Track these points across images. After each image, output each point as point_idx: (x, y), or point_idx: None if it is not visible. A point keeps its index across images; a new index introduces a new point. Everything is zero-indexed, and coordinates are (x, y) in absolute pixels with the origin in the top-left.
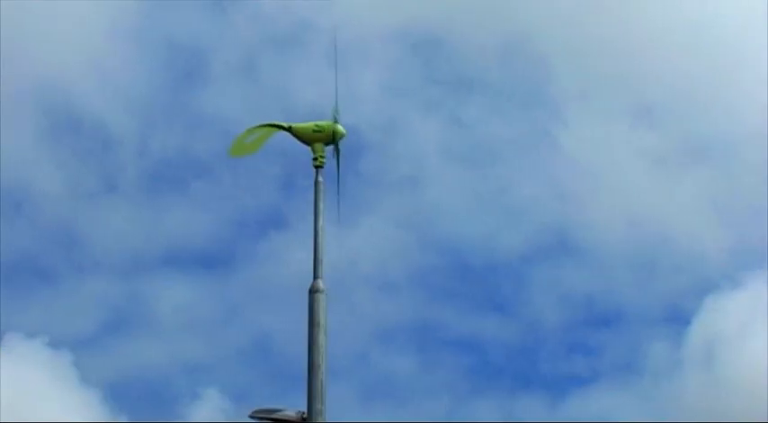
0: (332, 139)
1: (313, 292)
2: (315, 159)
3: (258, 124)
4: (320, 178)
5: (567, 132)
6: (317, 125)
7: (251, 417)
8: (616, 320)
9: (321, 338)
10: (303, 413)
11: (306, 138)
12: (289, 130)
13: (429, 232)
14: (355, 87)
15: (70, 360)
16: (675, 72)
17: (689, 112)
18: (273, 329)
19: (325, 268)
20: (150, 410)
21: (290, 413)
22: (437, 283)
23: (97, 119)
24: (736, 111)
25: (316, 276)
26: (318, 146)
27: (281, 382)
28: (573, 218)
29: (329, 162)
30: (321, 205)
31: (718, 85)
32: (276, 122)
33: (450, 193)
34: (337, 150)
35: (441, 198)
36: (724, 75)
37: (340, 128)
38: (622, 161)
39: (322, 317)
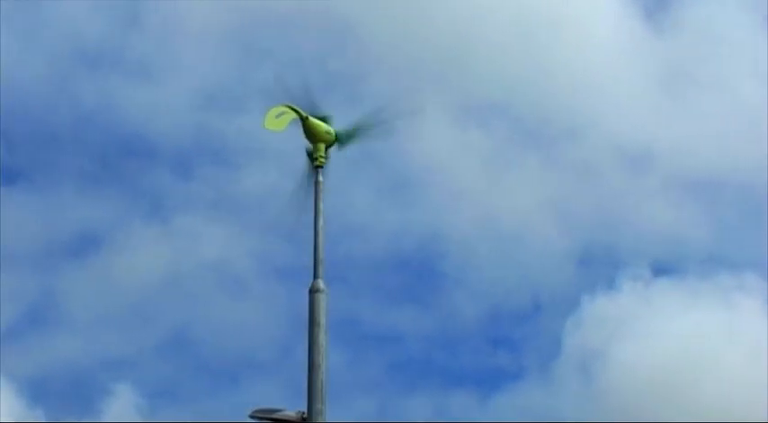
0: (331, 144)
1: (313, 291)
2: (315, 159)
3: (283, 103)
4: (320, 178)
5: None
6: (328, 128)
7: (251, 417)
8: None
9: (321, 338)
10: (303, 413)
11: (314, 135)
12: (305, 120)
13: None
14: (170, 94)
15: None
16: (501, 65)
17: (517, 106)
18: (188, 323)
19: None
20: (67, 405)
21: (290, 413)
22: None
23: None
24: (566, 102)
25: (316, 276)
26: (321, 146)
27: (199, 377)
28: (425, 219)
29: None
30: (321, 205)
31: (546, 76)
32: (296, 107)
33: None
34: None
35: None
36: (553, 64)
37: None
38: (454, 162)
39: (322, 317)
